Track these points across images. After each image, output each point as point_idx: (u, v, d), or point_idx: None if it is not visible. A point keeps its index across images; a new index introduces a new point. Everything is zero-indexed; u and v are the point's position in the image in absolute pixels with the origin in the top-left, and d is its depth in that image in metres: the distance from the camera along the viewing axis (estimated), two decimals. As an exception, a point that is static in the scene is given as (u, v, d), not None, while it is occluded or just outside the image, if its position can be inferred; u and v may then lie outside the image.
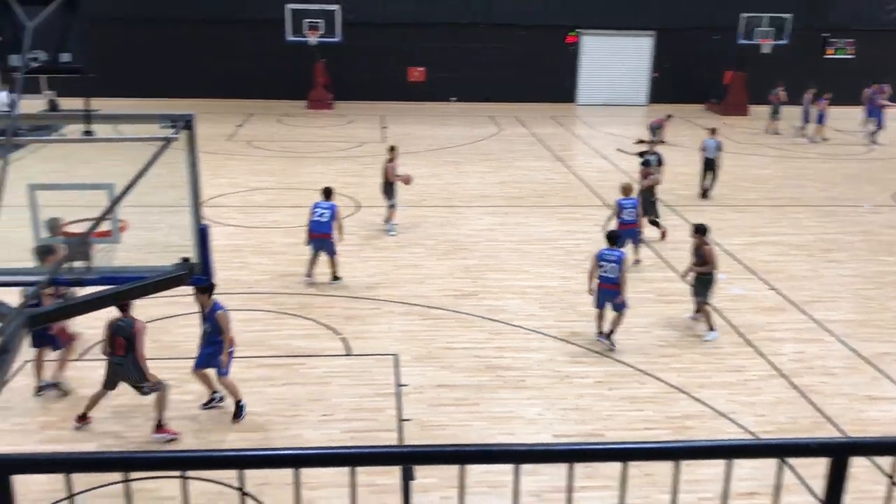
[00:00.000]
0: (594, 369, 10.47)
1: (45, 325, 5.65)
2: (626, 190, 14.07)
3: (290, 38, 29.98)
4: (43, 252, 8.47)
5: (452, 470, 1.92)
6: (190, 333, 10.25)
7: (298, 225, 16.21)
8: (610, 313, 11.02)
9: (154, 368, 8.99)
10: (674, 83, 33.62)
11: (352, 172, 20.91)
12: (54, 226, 9.03)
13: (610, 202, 18.23)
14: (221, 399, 9.38)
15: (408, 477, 8.01)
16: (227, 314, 9.16)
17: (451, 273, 13.77)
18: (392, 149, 16.15)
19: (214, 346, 9.11)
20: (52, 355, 9.71)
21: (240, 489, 2.02)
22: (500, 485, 7.86)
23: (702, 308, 11.57)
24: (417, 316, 12.02)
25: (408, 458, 1.84)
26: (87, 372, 9.89)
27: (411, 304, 12.41)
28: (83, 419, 8.85)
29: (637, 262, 13.95)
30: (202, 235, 6.11)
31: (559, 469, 2.18)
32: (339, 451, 1.79)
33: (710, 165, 19.08)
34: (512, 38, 32.73)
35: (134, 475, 1.93)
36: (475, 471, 8.23)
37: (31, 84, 5.48)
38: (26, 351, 9.45)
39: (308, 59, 30.81)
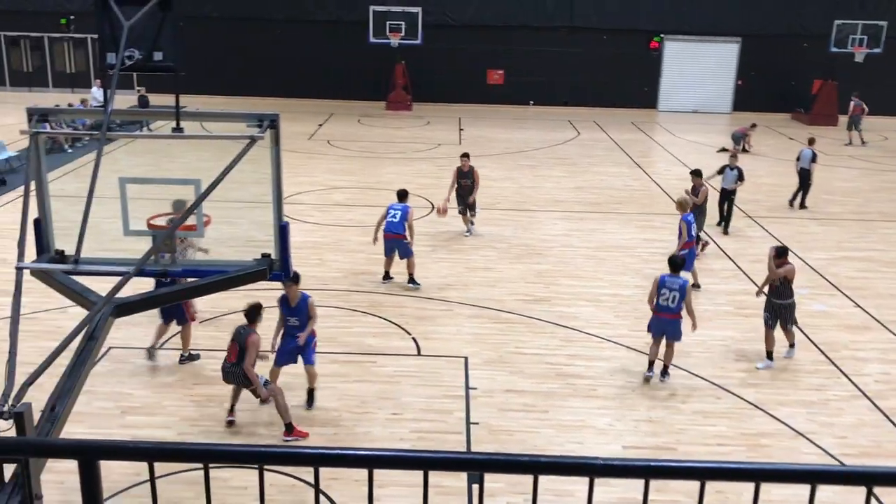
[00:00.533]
0: (669, 382, 10.26)
1: (131, 313, 5.85)
2: (682, 206, 13.13)
3: (373, 39, 30.35)
4: (178, 206, 9.58)
5: (518, 476, 1.91)
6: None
7: (373, 225, 16.40)
8: (664, 347, 10.23)
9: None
10: (759, 91, 32.74)
11: (428, 174, 21.03)
12: (179, 208, 10.32)
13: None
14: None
15: (474, 480, 8.02)
16: (313, 300, 9.39)
17: (523, 277, 13.70)
18: (466, 155, 15.82)
19: (297, 341, 9.22)
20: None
21: (315, 486, 2.04)
22: (567, 494, 7.79)
23: (786, 331, 10.77)
24: (488, 319, 12.00)
25: (483, 466, 1.83)
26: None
27: (482, 306, 12.39)
28: (231, 413, 9.06)
29: (696, 286, 12.95)
30: (283, 232, 6.23)
31: (630, 481, 2.14)
32: (415, 454, 1.80)
33: (804, 176, 18.51)
34: (593, 43, 32.41)
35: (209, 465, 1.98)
36: (542, 478, 8.15)
37: (123, 80, 5.69)
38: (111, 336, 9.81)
39: (388, 61, 31.14)
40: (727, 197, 16.50)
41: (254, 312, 8.84)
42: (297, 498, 7.71)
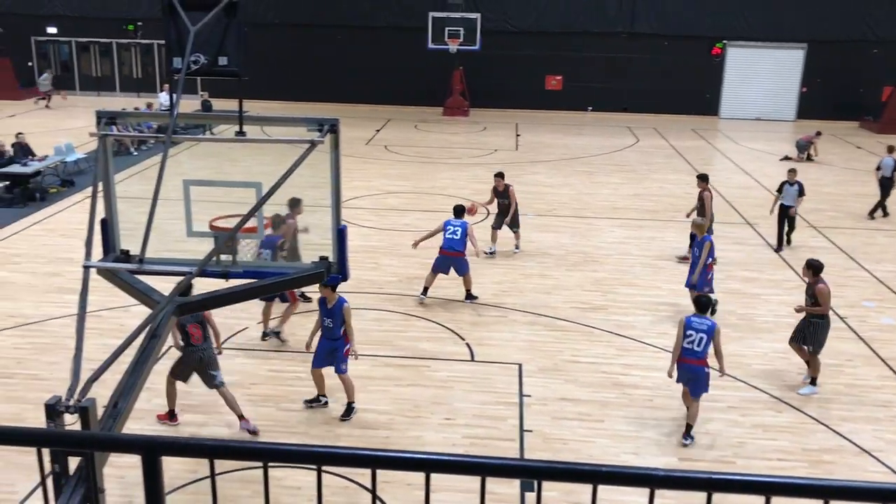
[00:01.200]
0: (727, 394, 10.04)
1: (192, 312, 5.97)
2: (699, 228, 12.39)
3: (431, 45, 30.49)
4: (277, 223, 10.67)
5: (572, 484, 1.88)
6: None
7: (429, 229, 16.46)
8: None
9: (285, 362, 9.31)
10: (825, 98, 31.94)
11: (483, 179, 20.99)
12: (293, 204, 11.50)
13: (752, 220, 17.52)
14: (326, 403, 9.56)
15: (527, 488, 7.96)
16: (349, 306, 9.32)
17: (579, 285, 13.58)
18: (500, 175, 15.15)
19: (334, 343, 9.30)
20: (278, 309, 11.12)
21: (372, 489, 2.04)
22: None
23: (812, 358, 10.18)
24: (543, 326, 11.92)
25: (541, 474, 1.81)
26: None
27: (537, 314, 12.32)
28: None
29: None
30: (340, 236, 6.29)
31: (688, 494, 2.08)
32: (473, 459, 1.78)
33: (886, 185, 17.99)
34: (654, 49, 32.04)
35: (259, 463, 1.99)
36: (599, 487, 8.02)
37: (187, 85, 5.81)
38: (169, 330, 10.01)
39: (446, 67, 31.26)
40: (787, 214, 15.58)
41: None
42: (350, 500, 7.75)
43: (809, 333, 10.10)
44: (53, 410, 4.04)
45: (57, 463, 3.83)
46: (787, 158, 24.41)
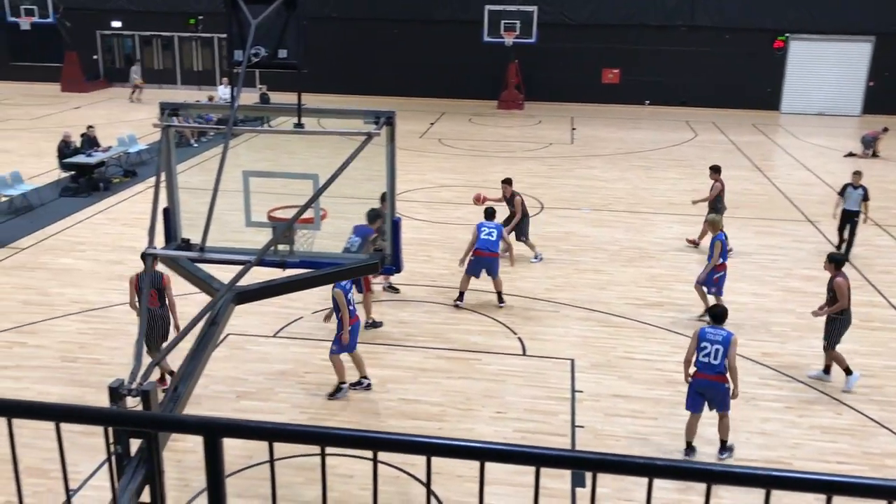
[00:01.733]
0: (785, 394, 9.84)
1: (250, 301, 6.09)
2: (714, 226, 12.30)
3: (487, 38, 30.42)
4: (373, 216, 10.91)
5: (625, 482, 1.87)
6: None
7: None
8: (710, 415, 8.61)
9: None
10: (893, 93, 30.94)
11: (537, 173, 20.92)
12: (384, 198, 11.25)
13: (814, 217, 17.10)
14: (369, 386, 9.70)
15: (578, 483, 7.92)
16: (341, 292, 9.32)
17: (634, 281, 13.43)
18: (507, 181, 14.62)
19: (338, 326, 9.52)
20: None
21: (427, 479, 2.06)
22: (674, 502, 7.59)
23: (828, 353, 10.08)
24: (597, 322, 11.83)
25: (597, 466, 1.80)
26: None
27: (591, 309, 12.23)
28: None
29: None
30: (395, 227, 6.33)
31: (740, 493, 2.05)
32: (529, 449, 1.79)
33: None
34: (714, 42, 31.43)
35: (312, 451, 2.03)
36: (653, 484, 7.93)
37: (247, 78, 5.91)
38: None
39: (502, 60, 31.15)
40: (850, 219, 14.56)
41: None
42: (401, 489, 7.82)
43: (827, 328, 10.01)
44: (116, 393, 4.15)
45: (119, 444, 3.94)
46: (851, 155, 23.75)
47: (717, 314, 8.70)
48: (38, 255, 14.20)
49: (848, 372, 9.98)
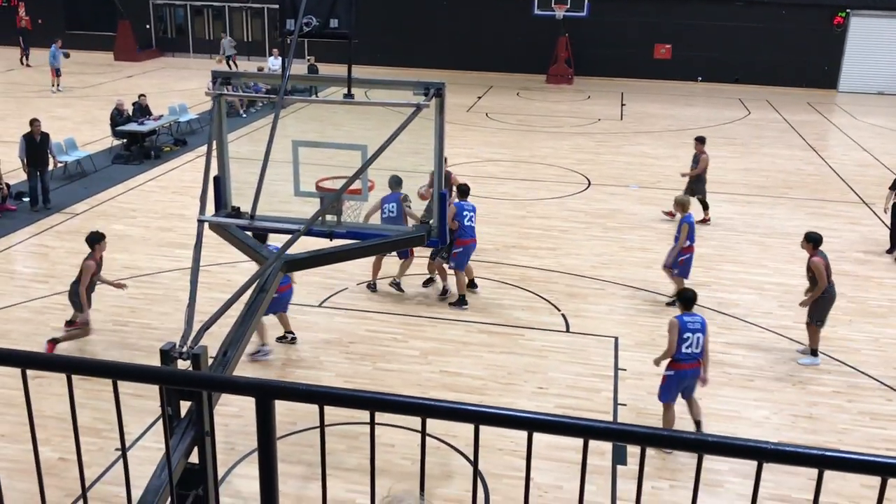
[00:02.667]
0: (833, 378, 9.67)
1: (298, 270, 6.15)
2: (682, 205, 11.65)
3: (537, 12, 30.05)
4: (394, 182, 11.32)
5: (662, 462, 1.85)
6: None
7: (528, 198, 16.38)
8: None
9: (381, 323, 9.41)
10: (958, 72, 29.88)
11: (585, 149, 20.71)
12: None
13: (869, 199, 16.66)
14: (267, 354, 9.81)
15: (619, 461, 7.91)
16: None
17: (681, 260, 13.24)
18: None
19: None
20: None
21: (475, 454, 2.07)
22: (716, 484, 7.54)
23: (813, 330, 9.94)
24: (642, 301, 11.72)
25: (646, 440, 1.79)
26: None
27: (637, 287, 12.12)
28: None
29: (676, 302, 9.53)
30: (441, 200, 6.33)
31: (783, 476, 2.01)
32: (576, 421, 1.78)
33: None
34: (771, 17, 30.61)
35: (354, 419, 2.05)
36: (691, 467, 7.87)
37: (295, 50, 5.90)
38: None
39: (551, 34, 30.78)
40: None
41: (92, 239, 9.79)
42: (442, 460, 7.88)
43: (811, 307, 9.92)
44: (168, 356, 4.24)
45: (170, 406, 4.03)
46: (911, 135, 23.04)
47: (687, 298, 8.27)
48: (91, 220, 14.51)
49: (814, 353, 9.97)
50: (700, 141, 15.26)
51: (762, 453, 1.79)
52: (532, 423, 1.87)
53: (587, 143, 21.47)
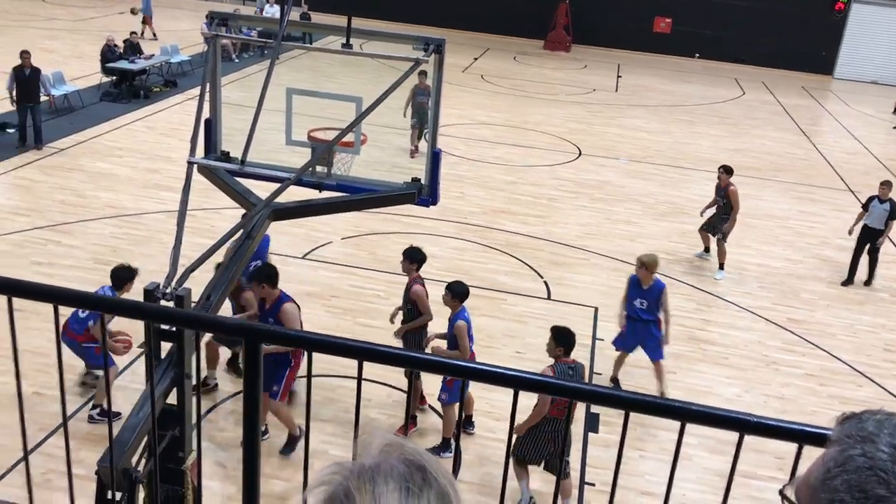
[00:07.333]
0: (807, 361, 9.80)
1: (285, 219, 6.11)
2: (649, 267, 9.00)
3: (539, -25, 29.70)
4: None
5: (633, 432, 1.86)
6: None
7: (519, 164, 16.33)
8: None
9: (365, 279, 9.43)
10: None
11: (578, 118, 20.63)
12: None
13: (855, 188, 16.76)
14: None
15: (592, 429, 8.01)
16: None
17: (666, 235, 13.32)
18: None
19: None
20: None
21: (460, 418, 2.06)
22: (684, 456, 7.66)
23: (720, 245, 11.81)
24: (625, 273, 11.72)
25: (633, 406, 1.80)
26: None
27: (620, 260, 12.16)
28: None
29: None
30: (435, 159, 6.29)
31: (749, 454, 2.02)
32: (563, 383, 1.79)
33: None
34: (772, -1, 30.46)
35: (328, 372, 2.05)
36: (661, 438, 7.92)
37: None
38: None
39: (552, 0, 30.45)
40: (870, 239, 11.85)
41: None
42: (421, 416, 7.93)
43: (719, 224, 11.78)
44: (151, 295, 4.22)
45: (149, 346, 4.01)
46: (902, 127, 23.11)
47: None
48: (76, 157, 14.33)
49: (721, 267, 11.78)
50: (726, 171, 12.08)
51: (746, 425, 1.80)
52: (519, 382, 1.87)
53: (581, 112, 21.39)
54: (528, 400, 7.05)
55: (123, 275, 7.53)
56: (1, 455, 6.51)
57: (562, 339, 6.71)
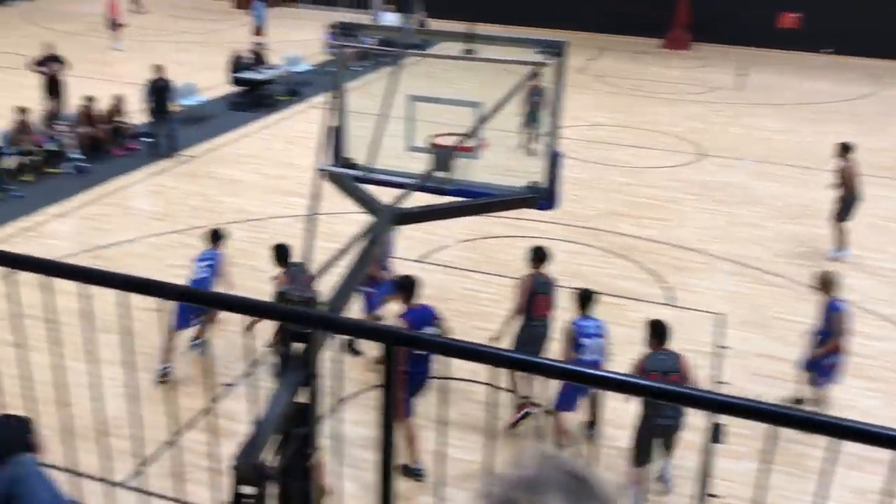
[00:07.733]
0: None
1: (408, 223, 6.20)
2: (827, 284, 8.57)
3: (657, -27, 29.04)
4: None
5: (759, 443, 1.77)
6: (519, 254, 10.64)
7: (637, 165, 16.00)
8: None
9: (479, 282, 9.44)
10: None
11: (698, 117, 20.03)
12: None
13: None
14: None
15: (715, 440, 7.73)
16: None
17: (795, 238, 12.74)
18: None
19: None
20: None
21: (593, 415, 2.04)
22: (820, 472, 7.28)
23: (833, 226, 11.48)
24: (750, 279, 11.34)
25: (776, 419, 1.72)
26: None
27: (745, 265, 11.73)
28: None
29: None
30: (554, 161, 6.24)
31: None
32: (684, 390, 1.73)
33: None
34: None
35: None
36: (797, 452, 7.55)
37: (406, 4, 5.88)
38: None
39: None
40: None
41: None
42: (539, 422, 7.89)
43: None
44: (283, 297, 4.36)
45: (283, 346, 4.15)
46: None
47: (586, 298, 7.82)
48: (207, 164, 15.04)
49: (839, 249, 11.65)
50: (844, 148, 11.94)
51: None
52: (606, 382, 1.83)
53: (702, 111, 20.76)
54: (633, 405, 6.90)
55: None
56: (141, 447, 6.90)
57: (657, 330, 7.22)
